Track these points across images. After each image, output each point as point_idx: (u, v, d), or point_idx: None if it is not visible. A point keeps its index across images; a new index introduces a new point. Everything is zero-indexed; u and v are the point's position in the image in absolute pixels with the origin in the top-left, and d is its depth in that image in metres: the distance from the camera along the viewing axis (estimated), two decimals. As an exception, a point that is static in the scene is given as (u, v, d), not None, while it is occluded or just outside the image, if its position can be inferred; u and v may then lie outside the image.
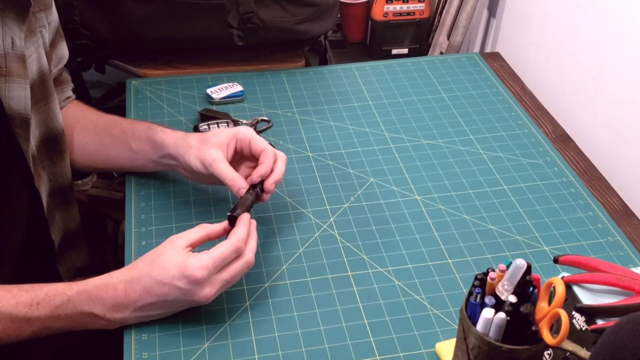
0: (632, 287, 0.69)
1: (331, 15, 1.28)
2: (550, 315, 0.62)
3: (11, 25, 0.83)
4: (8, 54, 0.82)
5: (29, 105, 0.85)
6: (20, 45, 0.83)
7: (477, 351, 0.65)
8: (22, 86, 0.84)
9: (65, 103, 1.03)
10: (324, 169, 1.06)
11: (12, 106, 0.83)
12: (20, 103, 0.84)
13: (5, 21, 0.82)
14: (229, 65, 1.29)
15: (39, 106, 0.90)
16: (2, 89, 0.82)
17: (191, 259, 0.75)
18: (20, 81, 0.84)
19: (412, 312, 0.84)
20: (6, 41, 0.82)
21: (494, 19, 1.52)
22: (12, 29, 0.83)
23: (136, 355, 0.78)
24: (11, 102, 0.83)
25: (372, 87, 1.26)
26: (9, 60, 0.82)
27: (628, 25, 1.07)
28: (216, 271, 0.76)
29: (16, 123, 0.84)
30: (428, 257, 0.91)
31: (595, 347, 0.54)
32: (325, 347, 0.79)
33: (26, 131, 0.86)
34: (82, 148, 1.00)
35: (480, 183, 1.04)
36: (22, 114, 0.85)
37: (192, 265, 0.75)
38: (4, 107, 0.83)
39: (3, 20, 0.82)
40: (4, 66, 0.82)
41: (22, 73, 0.84)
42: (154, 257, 0.77)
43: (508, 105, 1.21)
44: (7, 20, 0.82)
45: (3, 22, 0.82)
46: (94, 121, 1.01)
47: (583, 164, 1.11)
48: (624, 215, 1.01)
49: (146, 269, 0.77)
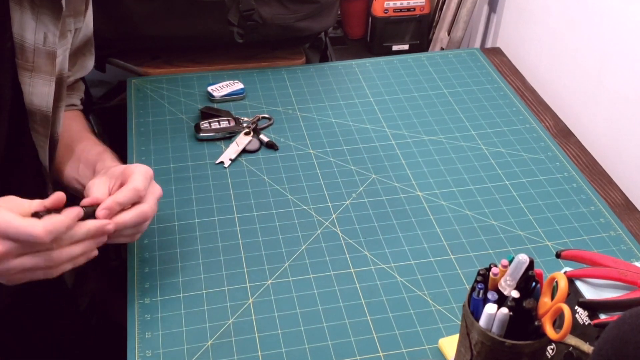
0: (634, 282, 0.69)
1: (331, 12, 1.28)
2: (553, 310, 0.62)
3: (46, 21, 0.82)
4: (38, 49, 0.82)
5: (51, 103, 0.85)
6: (53, 42, 0.83)
7: (480, 347, 0.65)
8: (48, 83, 0.84)
9: (67, 109, 1.02)
10: (325, 165, 1.06)
11: (34, 101, 0.83)
12: (43, 99, 0.84)
13: (40, 17, 0.81)
14: (230, 63, 1.29)
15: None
16: (26, 83, 0.82)
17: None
18: (46, 77, 0.84)
19: (414, 308, 0.84)
20: (38, 36, 0.82)
21: (495, 14, 1.52)
22: (47, 25, 0.82)
23: (140, 354, 0.78)
24: (33, 98, 0.83)
25: (373, 83, 1.26)
26: (37, 55, 0.82)
27: (629, 20, 1.07)
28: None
29: (36, 119, 0.84)
30: (430, 253, 0.91)
31: (598, 342, 0.54)
32: (328, 343, 0.79)
33: (46, 128, 0.86)
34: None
35: (482, 178, 1.04)
36: (44, 111, 0.84)
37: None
38: (25, 102, 0.83)
39: (37, 15, 0.81)
40: (31, 61, 0.82)
41: (50, 70, 0.84)
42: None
43: (509, 101, 1.21)
44: (42, 16, 0.82)
45: (37, 17, 0.81)
46: (68, 133, 0.97)
47: (585, 159, 1.10)
48: (626, 209, 1.01)
49: None
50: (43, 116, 0.84)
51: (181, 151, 1.08)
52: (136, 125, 1.13)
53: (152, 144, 1.09)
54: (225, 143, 1.09)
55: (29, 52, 0.82)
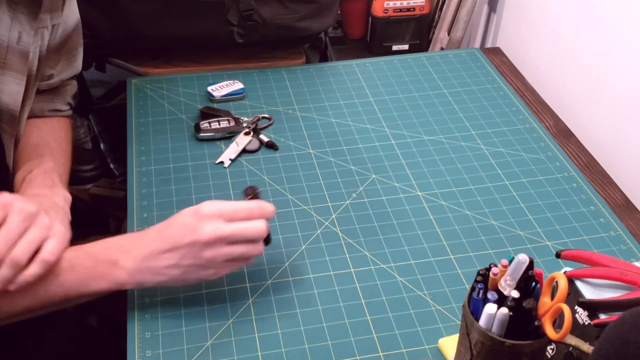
0: (634, 282, 0.69)
1: (331, 12, 1.28)
2: (553, 310, 0.62)
3: (22, 20, 0.82)
4: (11, 46, 0.82)
5: (20, 102, 0.85)
6: (27, 42, 0.83)
7: (480, 346, 0.65)
8: (18, 82, 0.83)
9: (51, 114, 1.01)
10: (325, 165, 1.06)
11: (3, 99, 0.82)
12: (12, 98, 0.83)
13: (17, 15, 0.81)
14: (230, 63, 1.29)
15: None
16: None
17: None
18: (17, 76, 0.83)
19: (414, 308, 0.84)
20: (12, 34, 0.81)
21: (495, 14, 1.52)
22: (22, 24, 0.82)
23: (140, 353, 0.78)
24: (3, 95, 0.82)
25: (373, 83, 1.26)
26: (10, 53, 0.82)
27: (629, 19, 1.07)
28: (223, 216, 0.76)
29: (3, 118, 0.83)
30: (430, 253, 0.91)
31: (598, 342, 0.54)
32: (328, 343, 0.79)
33: (13, 127, 0.85)
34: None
35: (481, 178, 1.04)
36: (12, 109, 0.84)
37: (204, 203, 0.76)
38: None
39: (14, 13, 0.81)
40: (3, 58, 0.81)
41: (21, 69, 0.83)
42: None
43: (509, 101, 1.21)
44: (19, 15, 0.81)
45: (14, 15, 0.81)
46: (35, 138, 0.96)
47: (585, 159, 1.10)
48: (626, 209, 1.01)
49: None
50: (10, 115, 0.84)
51: (181, 151, 1.08)
52: (136, 125, 1.13)
53: (152, 143, 1.09)
54: (225, 143, 1.09)
55: (1, 49, 0.81)
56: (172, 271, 0.77)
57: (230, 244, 0.76)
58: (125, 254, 0.77)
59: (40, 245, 0.72)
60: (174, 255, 0.76)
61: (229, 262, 0.77)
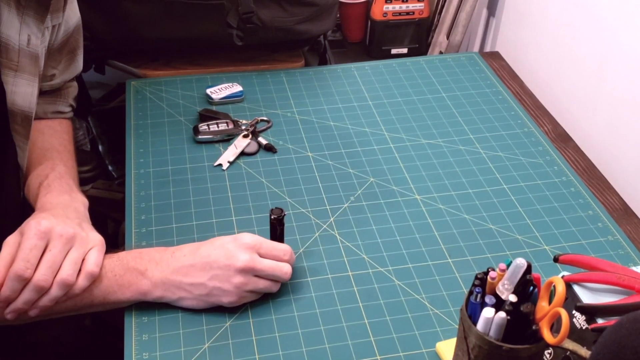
0: (632, 286, 0.69)
1: (330, 15, 1.29)
2: (550, 314, 0.62)
3: (30, 23, 0.82)
4: (22, 49, 0.82)
5: (34, 104, 0.85)
6: (35, 44, 0.83)
7: (477, 351, 0.65)
8: (31, 84, 0.84)
9: (53, 116, 1.01)
10: (323, 168, 1.06)
11: (17, 101, 0.83)
12: (26, 100, 0.84)
13: (25, 18, 0.82)
14: (229, 66, 1.29)
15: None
16: (9, 83, 0.82)
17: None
18: (29, 78, 0.84)
19: (412, 312, 0.84)
20: (22, 37, 0.82)
21: (494, 18, 1.52)
22: (30, 27, 0.82)
23: (137, 356, 0.78)
24: (16, 97, 0.83)
25: (372, 86, 1.26)
26: (22, 55, 0.82)
27: (628, 24, 1.07)
28: (259, 251, 0.80)
29: (17, 119, 0.84)
30: (428, 257, 0.91)
31: (595, 346, 0.54)
32: (325, 347, 0.79)
33: (26, 129, 0.85)
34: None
35: (480, 182, 1.04)
36: (26, 111, 0.84)
37: (244, 233, 0.80)
38: (6, 102, 0.82)
39: (22, 17, 0.81)
40: (16, 61, 0.82)
41: (33, 71, 0.84)
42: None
43: (508, 105, 1.21)
44: (27, 18, 0.82)
45: (22, 19, 0.81)
46: (41, 141, 0.96)
47: (583, 163, 1.11)
48: (623, 214, 1.01)
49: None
50: (25, 117, 0.84)
51: (179, 153, 1.08)
52: (135, 127, 1.13)
53: (151, 146, 1.09)
54: (223, 145, 1.09)
55: (13, 52, 0.81)
56: (197, 290, 0.79)
57: (258, 277, 0.80)
58: (154, 264, 0.79)
59: (84, 259, 0.76)
60: (204, 274, 0.78)
61: (249, 292, 0.80)
